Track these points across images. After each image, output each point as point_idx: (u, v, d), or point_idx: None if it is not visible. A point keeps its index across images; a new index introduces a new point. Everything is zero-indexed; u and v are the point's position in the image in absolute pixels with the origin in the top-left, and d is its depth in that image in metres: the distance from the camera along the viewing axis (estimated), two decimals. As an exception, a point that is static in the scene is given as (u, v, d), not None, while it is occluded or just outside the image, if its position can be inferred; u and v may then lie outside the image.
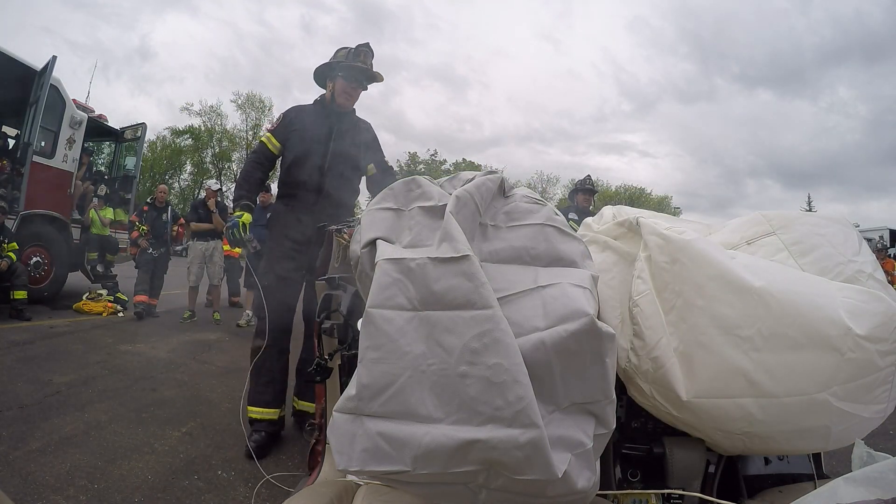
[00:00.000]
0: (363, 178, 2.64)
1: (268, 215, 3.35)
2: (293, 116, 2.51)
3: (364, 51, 2.44)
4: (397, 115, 61.04)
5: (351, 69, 2.42)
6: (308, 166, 2.42)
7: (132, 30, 53.59)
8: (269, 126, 2.63)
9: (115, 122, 7.74)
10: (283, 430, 2.49)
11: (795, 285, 1.06)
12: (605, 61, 72.58)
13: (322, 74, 2.54)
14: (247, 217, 2.44)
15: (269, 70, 55.60)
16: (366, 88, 2.54)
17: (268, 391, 2.39)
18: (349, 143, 2.50)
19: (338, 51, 2.50)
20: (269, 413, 2.38)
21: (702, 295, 1.09)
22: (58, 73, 6.02)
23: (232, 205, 2.59)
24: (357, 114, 2.63)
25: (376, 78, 2.51)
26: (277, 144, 2.51)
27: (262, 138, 2.57)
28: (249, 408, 2.39)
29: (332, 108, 2.50)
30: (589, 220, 1.64)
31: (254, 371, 2.40)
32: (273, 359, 2.41)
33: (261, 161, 2.55)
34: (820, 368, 0.99)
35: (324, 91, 2.55)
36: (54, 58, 6.03)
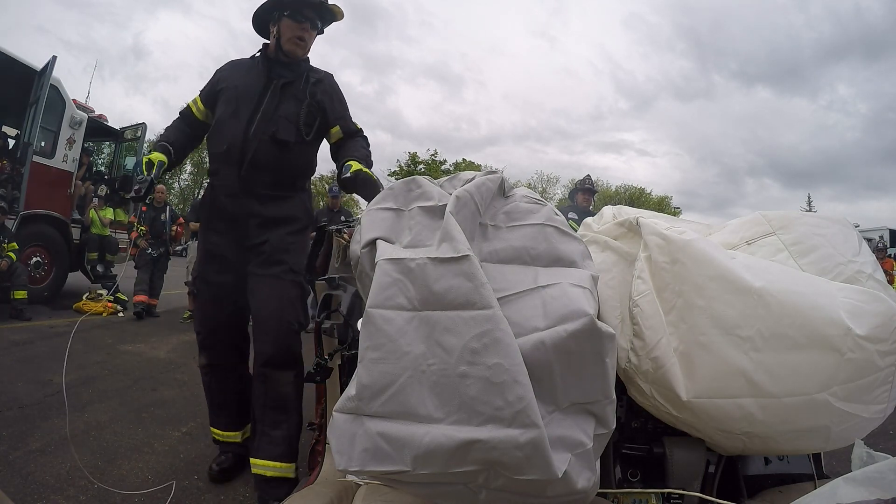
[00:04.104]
0: (324, 146, 2.05)
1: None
2: (224, 72, 1.98)
3: None
4: (393, 113, 61.17)
5: (298, 3, 1.85)
6: (228, 133, 1.84)
7: (126, 28, 53.99)
8: None
9: (110, 121, 7.72)
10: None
11: (795, 285, 1.06)
12: (601, 58, 73.01)
13: (262, 18, 1.96)
14: (155, 155, 1.83)
15: (264, 69, 55.56)
16: (321, 31, 1.98)
17: (222, 414, 2.06)
18: (289, 98, 1.88)
19: None
20: (229, 436, 2.07)
21: (702, 295, 1.09)
22: (55, 72, 6.02)
23: None
24: (327, 82, 2.00)
25: (335, 13, 1.94)
26: (203, 109, 1.97)
27: (189, 102, 2.03)
28: (211, 428, 2.11)
29: (274, 59, 1.92)
30: (589, 220, 1.64)
31: (205, 391, 2.10)
32: (220, 378, 2.04)
33: (181, 128, 2.00)
34: (820, 369, 0.99)
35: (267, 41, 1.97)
36: (54, 58, 6.03)
